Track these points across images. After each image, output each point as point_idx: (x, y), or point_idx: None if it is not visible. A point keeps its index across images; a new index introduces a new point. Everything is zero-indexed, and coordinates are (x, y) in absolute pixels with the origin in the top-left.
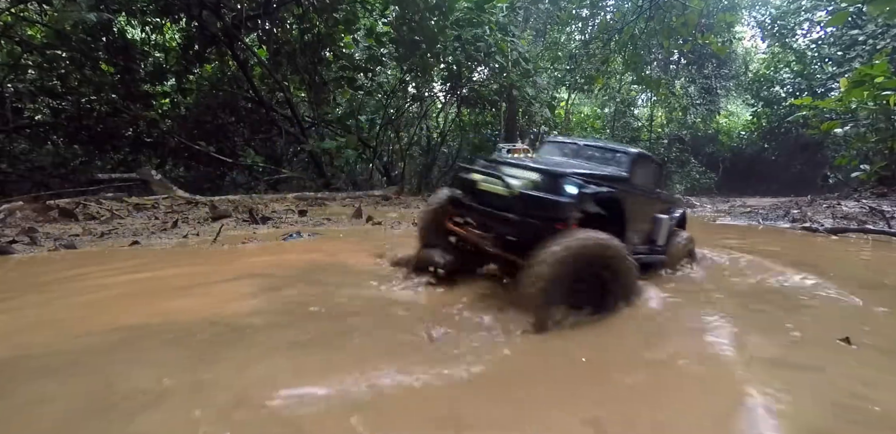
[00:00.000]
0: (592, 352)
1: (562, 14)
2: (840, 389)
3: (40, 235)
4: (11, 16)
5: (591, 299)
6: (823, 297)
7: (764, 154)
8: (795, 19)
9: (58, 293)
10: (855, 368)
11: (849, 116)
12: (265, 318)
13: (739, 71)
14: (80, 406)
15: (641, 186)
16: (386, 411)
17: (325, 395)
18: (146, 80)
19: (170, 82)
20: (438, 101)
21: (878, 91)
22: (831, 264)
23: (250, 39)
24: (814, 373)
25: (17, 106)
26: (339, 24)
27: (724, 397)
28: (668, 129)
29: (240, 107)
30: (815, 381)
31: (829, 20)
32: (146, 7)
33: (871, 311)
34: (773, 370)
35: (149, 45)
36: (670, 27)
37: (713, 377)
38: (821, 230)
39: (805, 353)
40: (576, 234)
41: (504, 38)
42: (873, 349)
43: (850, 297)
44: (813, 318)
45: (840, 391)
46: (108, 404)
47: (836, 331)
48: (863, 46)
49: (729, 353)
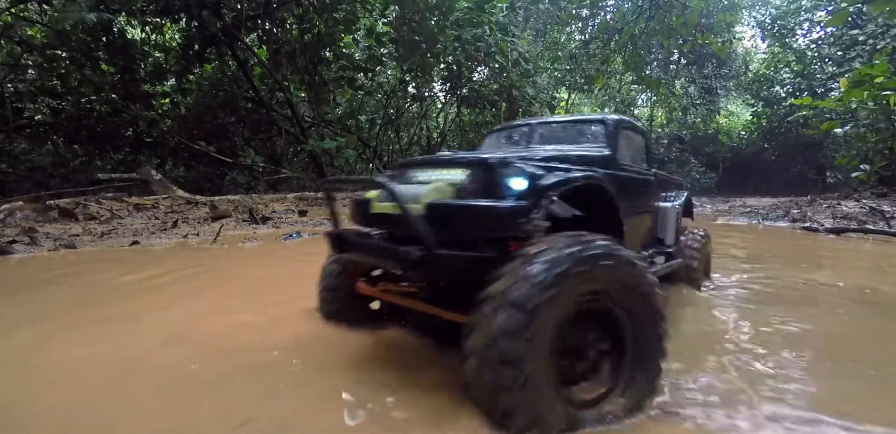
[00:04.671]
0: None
1: (562, 14)
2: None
3: (40, 235)
4: (11, 16)
5: (595, 371)
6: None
7: (764, 154)
8: (795, 19)
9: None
10: None
11: (849, 116)
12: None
13: (739, 71)
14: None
15: (631, 166)
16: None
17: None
18: (146, 80)
19: (170, 82)
20: (438, 101)
21: (878, 91)
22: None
23: (250, 39)
24: None
25: (17, 106)
26: (339, 24)
27: None
28: (668, 129)
29: (240, 107)
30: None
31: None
32: (146, 7)
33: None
34: None
35: (149, 45)
36: (670, 27)
37: None
38: (821, 230)
39: None
40: (558, 238)
41: (504, 38)
42: None
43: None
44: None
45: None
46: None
47: None
48: (863, 46)
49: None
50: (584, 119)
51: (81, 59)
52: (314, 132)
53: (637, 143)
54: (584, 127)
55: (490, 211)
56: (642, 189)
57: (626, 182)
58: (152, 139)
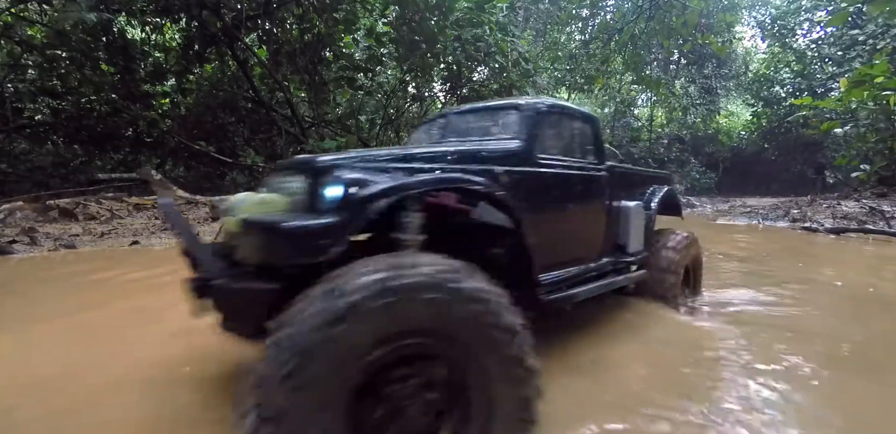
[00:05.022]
0: None
1: (562, 14)
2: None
3: (40, 235)
4: (11, 16)
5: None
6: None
7: (764, 154)
8: (795, 19)
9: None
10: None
11: (849, 116)
12: None
13: (739, 71)
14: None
15: (561, 160)
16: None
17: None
18: (146, 80)
19: (170, 82)
20: (438, 101)
21: (878, 91)
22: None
23: (250, 39)
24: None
25: (17, 106)
26: (339, 24)
27: None
28: (668, 129)
29: (240, 107)
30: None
31: (829, 20)
32: (146, 7)
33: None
34: None
35: (149, 45)
36: (670, 27)
37: None
38: (821, 230)
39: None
40: (371, 262)
41: (504, 38)
42: None
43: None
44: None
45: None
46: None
47: None
48: (863, 46)
49: None
50: (498, 106)
51: (81, 59)
52: (314, 132)
53: (576, 132)
54: (497, 115)
55: (272, 231)
56: (581, 187)
57: (547, 181)
58: (152, 139)
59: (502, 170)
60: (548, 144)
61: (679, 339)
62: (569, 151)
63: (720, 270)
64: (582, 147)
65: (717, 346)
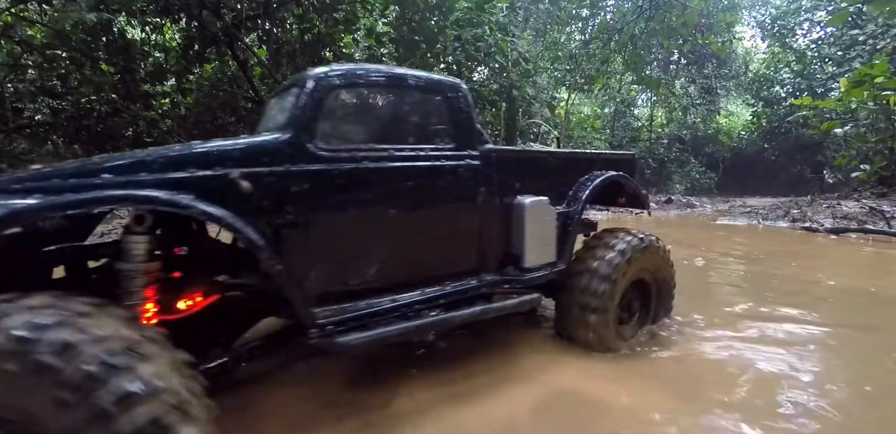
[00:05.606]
0: None
1: (562, 14)
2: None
3: None
4: (11, 16)
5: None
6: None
7: (764, 154)
8: (795, 19)
9: None
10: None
11: (849, 116)
12: None
13: (739, 71)
14: None
15: (365, 150)
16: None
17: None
18: (146, 80)
19: (170, 82)
20: None
21: (878, 91)
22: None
23: (250, 39)
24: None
25: (17, 106)
26: (339, 24)
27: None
28: (668, 129)
29: (240, 107)
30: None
31: (829, 20)
32: (146, 7)
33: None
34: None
35: (149, 45)
36: (670, 27)
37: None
38: (821, 230)
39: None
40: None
41: (504, 38)
42: None
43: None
44: None
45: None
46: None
47: None
48: (863, 46)
49: None
50: (295, 82)
51: (81, 59)
52: None
53: (410, 108)
54: (289, 95)
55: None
56: (416, 183)
57: (336, 180)
58: (152, 139)
59: (239, 173)
60: (345, 130)
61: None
62: (395, 136)
63: (712, 277)
64: (425, 128)
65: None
